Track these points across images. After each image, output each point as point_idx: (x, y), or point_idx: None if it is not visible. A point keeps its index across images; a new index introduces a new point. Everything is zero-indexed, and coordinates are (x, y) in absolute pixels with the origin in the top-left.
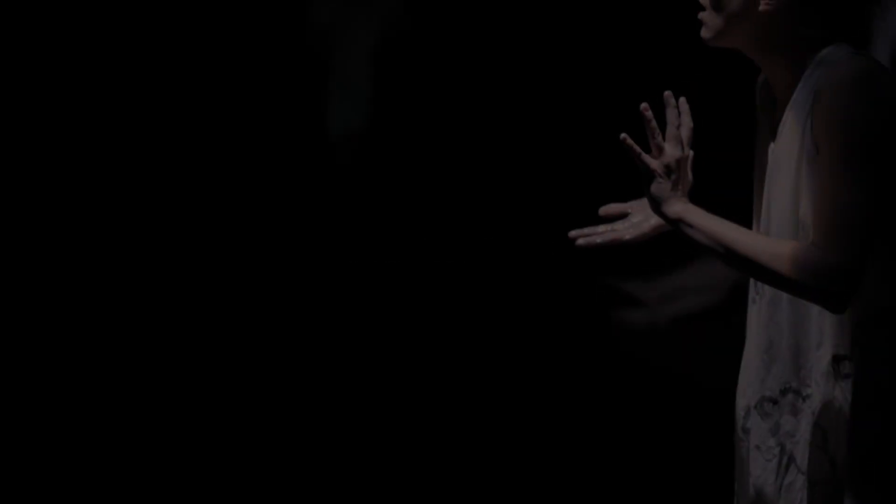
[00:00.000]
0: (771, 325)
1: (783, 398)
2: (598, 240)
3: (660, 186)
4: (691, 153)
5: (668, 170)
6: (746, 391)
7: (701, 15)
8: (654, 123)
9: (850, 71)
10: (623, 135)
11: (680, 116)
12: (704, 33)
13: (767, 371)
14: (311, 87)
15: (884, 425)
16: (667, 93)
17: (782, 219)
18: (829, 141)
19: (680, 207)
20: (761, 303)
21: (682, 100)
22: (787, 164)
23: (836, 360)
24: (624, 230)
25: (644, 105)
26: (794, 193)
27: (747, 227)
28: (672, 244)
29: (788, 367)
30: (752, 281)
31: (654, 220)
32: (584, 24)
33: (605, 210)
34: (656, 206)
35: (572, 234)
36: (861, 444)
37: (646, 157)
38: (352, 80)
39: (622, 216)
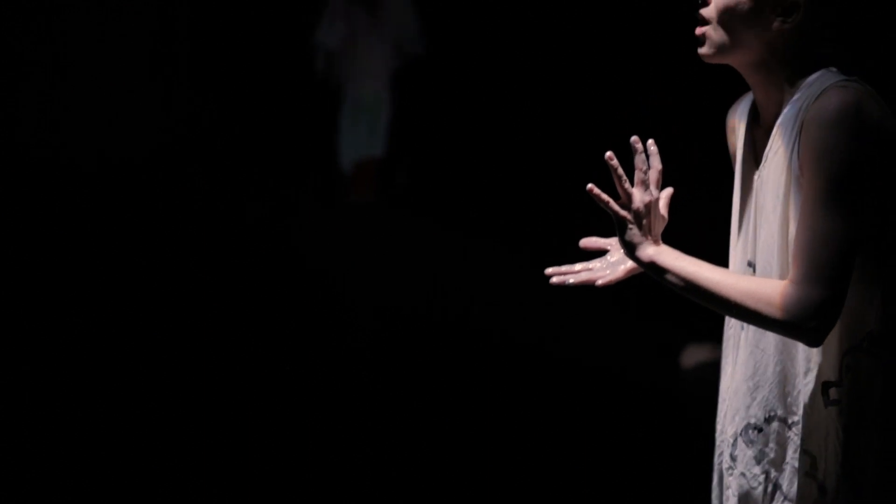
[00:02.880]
0: (757, 351)
1: (768, 426)
2: (571, 280)
3: (630, 232)
4: (666, 192)
5: (638, 215)
6: (734, 418)
7: (702, 30)
8: (620, 171)
9: (837, 103)
10: (589, 185)
11: (648, 160)
12: (705, 49)
13: (752, 398)
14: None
15: (874, 451)
16: (633, 138)
17: (769, 242)
18: (813, 174)
19: (652, 251)
20: (747, 329)
21: (651, 142)
22: (775, 189)
23: (825, 386)
24: (599, 272)
25: (609, 154)
26: (783, 217)
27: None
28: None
29: (774, 393)
30: None
31: (631, 263)
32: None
33: (585, 243)
34: (629, 252)
35: (548, 271)
36: (851, 470)
37: (614, 205)
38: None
39: (602, 252)
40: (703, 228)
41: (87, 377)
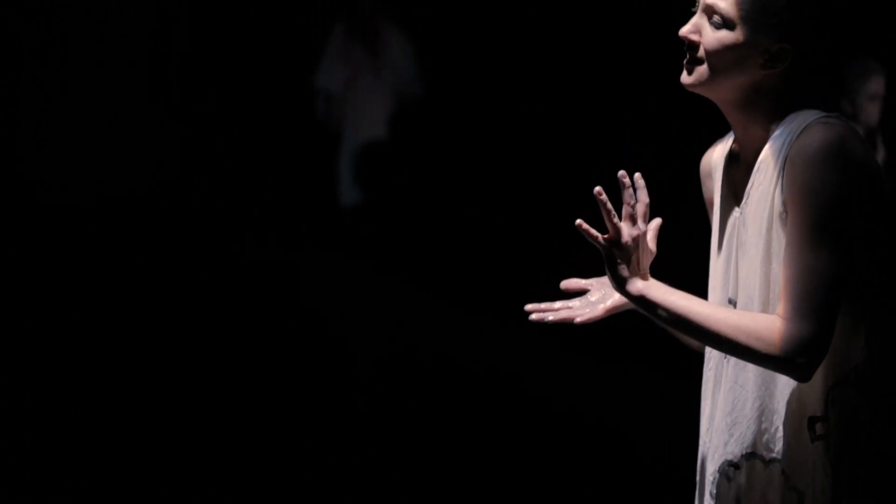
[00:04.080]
0: (736, 387)
1: (746, 462)
2: (550, 317)
3: (619, 267)
4: (654, 224)
5: (627, 250)
6: (714, 455)
7: (688, 62)
8: (609, 205)
9: (822, 139)
10: (578, 221)
11: (636, 193)
12: (689, 79)
13: (730, 434)
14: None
15: (863, 485)
16: (620, 173)
17: (751, 279)
18: (799, 210)
19: (641, 285)
20: (727, 366)
21: (637, 175)
22: (757, 225)
23: (811, 421)
24: (578, 311)
25: (598, 189)
26: (764, 253)
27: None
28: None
29: (752, 430)
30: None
31: (610, 302)
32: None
33: (565, 284)
34: (618, 286)
35: (528, 307)
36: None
37: (603, 241)
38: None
39: (582, 292)
40: (704, 229)
41: (84, 410)
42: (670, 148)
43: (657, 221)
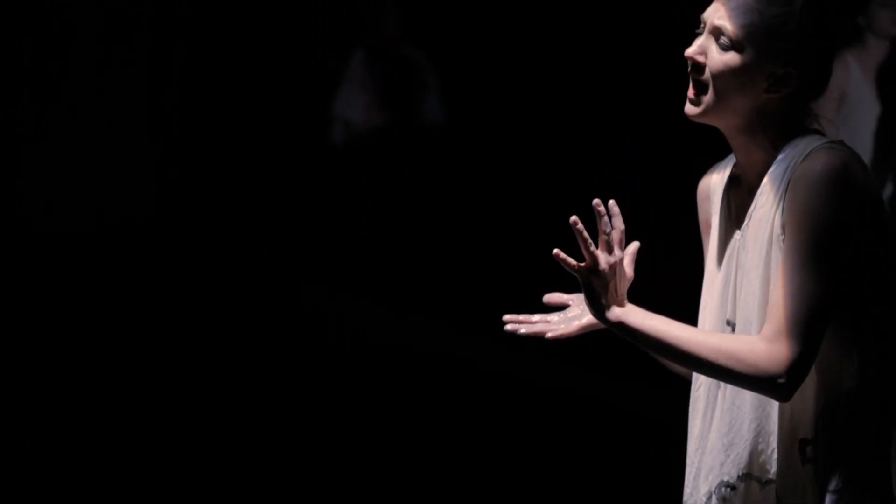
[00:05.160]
0: (733, 408)
1: (741, 483)
2: (523, 330)
3: (597, 294)
4: (632, 248)
5: (604, 278)
6: (708, 476)
7: (692, 94)
8: (585, 234)
9: (825, 164)
10: (555, 251)
11: (612, 220)
12: (695, 109)
13: (726, 455)
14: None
15: None
16: (595, 201)
17: (749, 301)
18: (796, 232)
19: (619, 311)
20: (724, 387)
21: (612, 202)
22: (758, 247)
23: (802, 444)
24: (553, 326)
25: (574, 218)
26: (763, 275)
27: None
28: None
29: (748, 451)
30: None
31: (586, 320)
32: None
33: (548, 298)
34: (597, 313)
35: (506, 317)
36: None
37: (580, 269)
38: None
39: (563, 307)
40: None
41: (84, 436)
42: (670, 148)
43: (635, 245)
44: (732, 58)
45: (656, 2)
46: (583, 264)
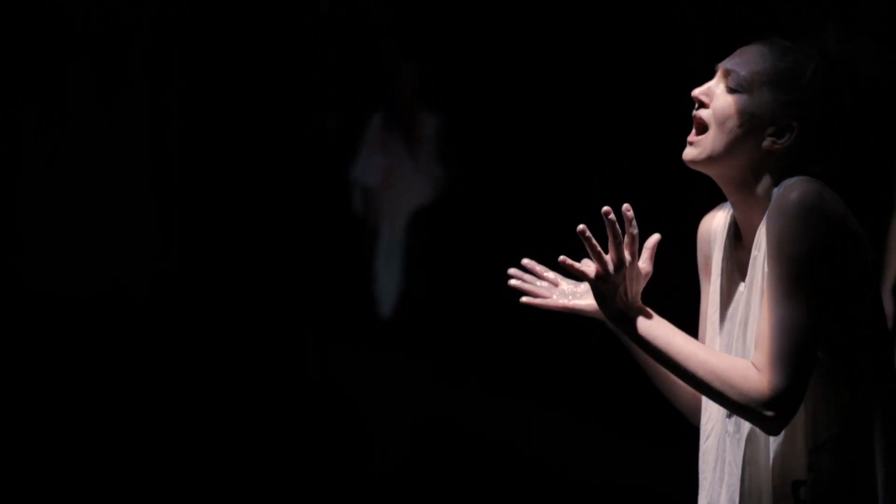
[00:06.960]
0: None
1: None
2: (525, 288)
3: (607, 298)
4: (653, 240)
5: (614, 283)
6: None
7: (693, 137)
8: (593, 241)
9: (799, 193)
10: (562, 257)
11: (625, 225)
12: (694, 153)
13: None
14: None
15: None
16: (605, 209)
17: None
18: (775, 261)
19: (627, 316)
20: (739, 440)
21: (626, 206)
22: (757, 297)
23: (795, 485)
24: (556, 298)
25: (581, 227)
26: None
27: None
28: None
29: (739, 493)
30: (721, 416)
31: (586, 304)
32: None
33: (564, 260)
34: (607, 314)
35: (511, 271)
36: None
37: (588, 273)
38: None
39: (577, 278)
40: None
41: (84, 483)
42: (670, 148)
43: (654, 239)
44: (738, 99)
45: (656, 2)
46: (590, 270)
